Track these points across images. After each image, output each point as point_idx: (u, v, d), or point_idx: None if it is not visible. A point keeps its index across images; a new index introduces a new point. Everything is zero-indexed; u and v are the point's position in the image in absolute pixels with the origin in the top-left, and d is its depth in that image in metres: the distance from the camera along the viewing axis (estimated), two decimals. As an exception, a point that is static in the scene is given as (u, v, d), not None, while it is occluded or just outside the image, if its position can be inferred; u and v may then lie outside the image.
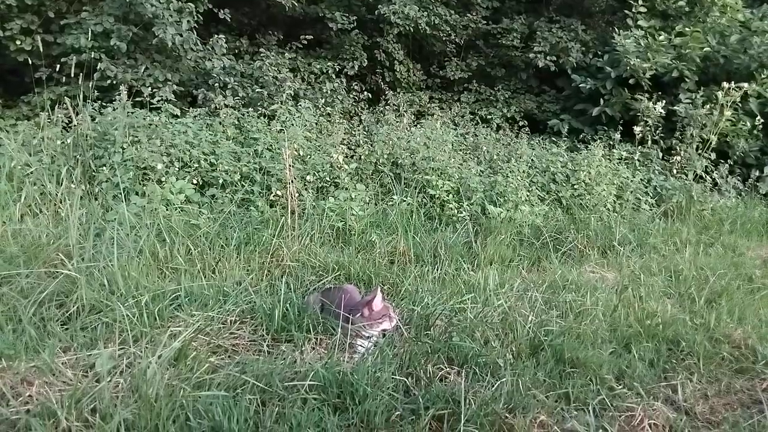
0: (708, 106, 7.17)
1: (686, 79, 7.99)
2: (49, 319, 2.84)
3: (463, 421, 2.29)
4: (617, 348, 3.08)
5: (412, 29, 8.68)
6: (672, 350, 3.15)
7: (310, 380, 2.38)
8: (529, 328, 3.08)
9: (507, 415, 2.40)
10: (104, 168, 4.57)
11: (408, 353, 2.75)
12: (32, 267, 3.26)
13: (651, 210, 6.20)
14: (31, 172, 4.44)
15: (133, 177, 4.55)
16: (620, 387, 2.72)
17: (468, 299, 3.38)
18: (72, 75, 5.57)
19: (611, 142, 6.98)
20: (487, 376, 2.64)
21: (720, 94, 7.04)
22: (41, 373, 2.34)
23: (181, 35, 6.54)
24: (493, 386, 2.55)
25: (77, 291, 3.00)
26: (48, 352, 2.49)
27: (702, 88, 7.70)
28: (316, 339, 2.93)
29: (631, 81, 8.03)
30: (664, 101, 7.16)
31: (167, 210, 4.22)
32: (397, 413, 2.33)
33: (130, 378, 2.35)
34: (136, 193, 4.44)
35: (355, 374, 2.43)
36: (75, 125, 5.05)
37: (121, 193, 4.15)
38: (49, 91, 6.39)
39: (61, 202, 4.24)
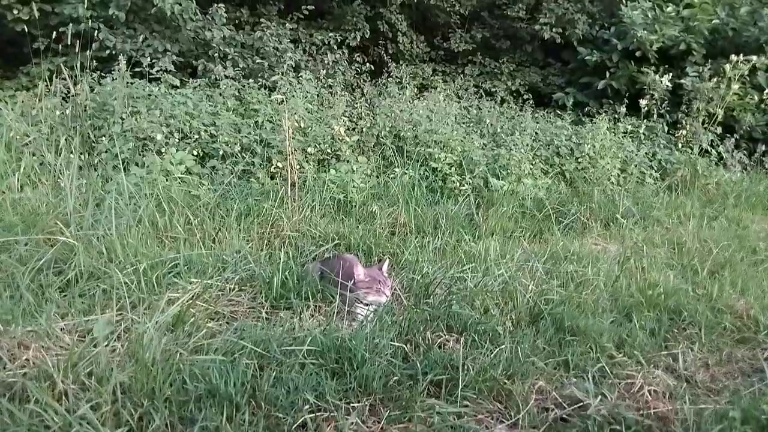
0: (715, 80, 7.07)
1: (694, 52, 7.87)
2: (47, 286, 2.83)
3: (461, 387, 2.29)
4: (618, 317, 3.06)
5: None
6: (673, 320, 3.13)
7: (308, 345, 2.37)
8: (530, 297, 3.06)
9: (505, 381, 2.39)
10: (103, 138, 4.53)
11: (407, 320, 2.73)
12: (31, 235, 3.24)
13: (655, 183, 6.16)
14: (29, 143, 4.41)
15: (132, 148, 4.52)
16: (620, 355, 2.71)
17: (468, 269, 3.36)
18: (70, 45, 5.50)
19: (616, 116, 6.90)
20: (486, 343, 2.63)
21: (728, 67, 6.94)
22: (38, 338, 2.33)
23: (180, 4, 6.43)
24: (491, 353, 2.54)
25: (75, 258, 2.98)
26: (45, 318, 2.48)
27: (710, 61, 7.59)
28: (315, 306, 2.91)
29: (637, 54, 7.91)
30: (670, 74, 7.07)
31: (167, 180, 4.20)
32: (395, 378, 2.32)
33: (127, 343, 2.34)
34: (136, 164, 4.41)
35: (353, 340, 2.42)
36: (73, 95, 5.00)
37: (120, 164, 4.12)
38: (48, 61, 6.31)
39: (61, 173, 4.21)
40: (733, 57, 6.90)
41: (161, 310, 2.53)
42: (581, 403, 2.29)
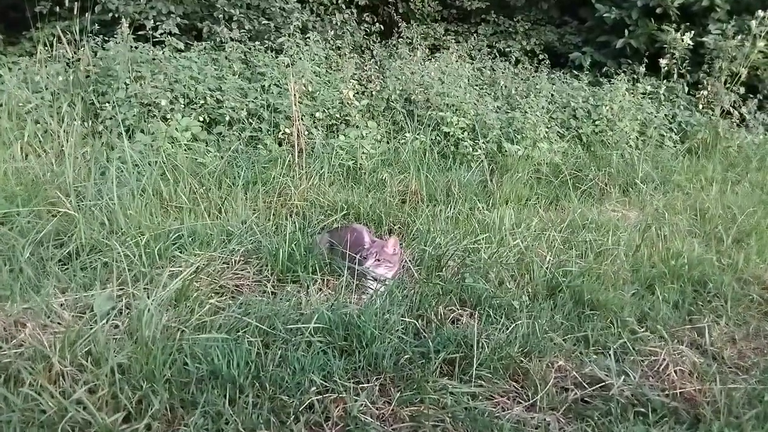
0: (739, 37, 6.75)
1: (717, 8, 7.52)
2: (48, 259, 2.75)
3: (475, 365, 2.19)
4: (640, 289, 2.94)
5: (426, -45, 8.22)
6: (698, 292, 3.00)
7: (315, 323, 2.27)
8: (547, 268, 2.94)
9: (522, 359, 2.28)
10: (107, 105, 4.41)
11: (418, 295, 2.63)
12: (32, 206, 3.15)
13: (675, 147, 5.94)
14: (30, 110, 4.29)
15: (137, 114, 4.39)
16: (642, 330, 2.59)
17: (482, 239, 3.23)
18: (71, 9, 5.33)
19: (635, 76, 6.64)
20: (501, 318, 2.53)
21: (753, 23, 6.62)
22: (36, 315, 2.25)
23: (184, -37, 6.22)
24: (507, 329, 2.43)
25: (76, 230, 2.89)
26: (43, 293, 2.40)
27: (734, 17, 7.24)
28: (323, 280, 2.81)
29: (658, 11, 7.58)
30: (692, 32, 6.75)
31: (172, 148, 4.08)
32: (406, 356, 2.22)
33: (128, 320, 2.26)
34: (141, 131, 4.29)
35: (362, 316, 2.32)
36: (75, 61, 4.87)
37: (124, 131, 4.00)
38: (50, 26, 6.16)
39: (66, 141, 4.10)
40: (760, 13, 6.56)
41: (163, 285, 2.44)
42: (603, 383, 2.18)
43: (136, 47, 4.96)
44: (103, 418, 1.75)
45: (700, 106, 6.61)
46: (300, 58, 5.36)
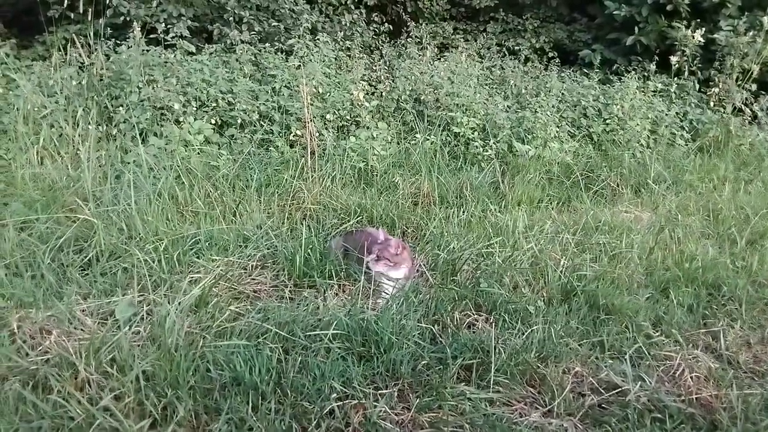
0: (751, 33, 6.72)
1: (728, 4, 7.47)
2: (68, 265, 2.79)
3: (493, 371, 2.21)
4: (654, 293, 2.95)
5: (434, -46, 8.22)
6: (712, 295, 3.00)
7: (333, 328, 2.30)
8: (561, 272, 2.95)
9: (539, 364, 2.30)
10: (121, 108, 4.45)
11: (434, 300, 2.65)
12: (51, 212, 3.20)
13: (686, 145, 5.92)
14: (46, 115, 4.34)
15: (150, 117, 4.43)
16: (657, 334, 2.61)
17: (496, 243, 3.24)
18: (84, 12, 5.38)
19: (646, 74, 6.62)
20: (517, 323, 2.54)
21: (765, 19, 6.58)
22: (60, 322, 2.29)
23: (193, -34, 6.25)
24: (523, 334, 2.46)
25: (95, 236, 2.93)
26: (66, 300, 2.44)
27: (745, 13, 7.20)
28: (339, 285, 2.84)
29: (668, 7, 7.54)
30: (703, 29, 6.72)
31: (186, 151, 4.12)
32: (423, 362, 2.25)
33: (150, 326, 2.29)
34: (155, 134, 4.33)
35: (379, 322, 2.34)
36: (88, 65, 4.91)
37: (138, 135, 4.04)
38: (63, 29, 6.21)
39: (81, 145, 4.15)
40: (772, 8, 6.55)
41: (183, 291, 2.47)
42: (619, 389, 2.20)
43: (147, 50, 5.00)
44: (130, 425, 1.80)
45: (712, 104, 6.59)
46: (310, 60, 5.38)
